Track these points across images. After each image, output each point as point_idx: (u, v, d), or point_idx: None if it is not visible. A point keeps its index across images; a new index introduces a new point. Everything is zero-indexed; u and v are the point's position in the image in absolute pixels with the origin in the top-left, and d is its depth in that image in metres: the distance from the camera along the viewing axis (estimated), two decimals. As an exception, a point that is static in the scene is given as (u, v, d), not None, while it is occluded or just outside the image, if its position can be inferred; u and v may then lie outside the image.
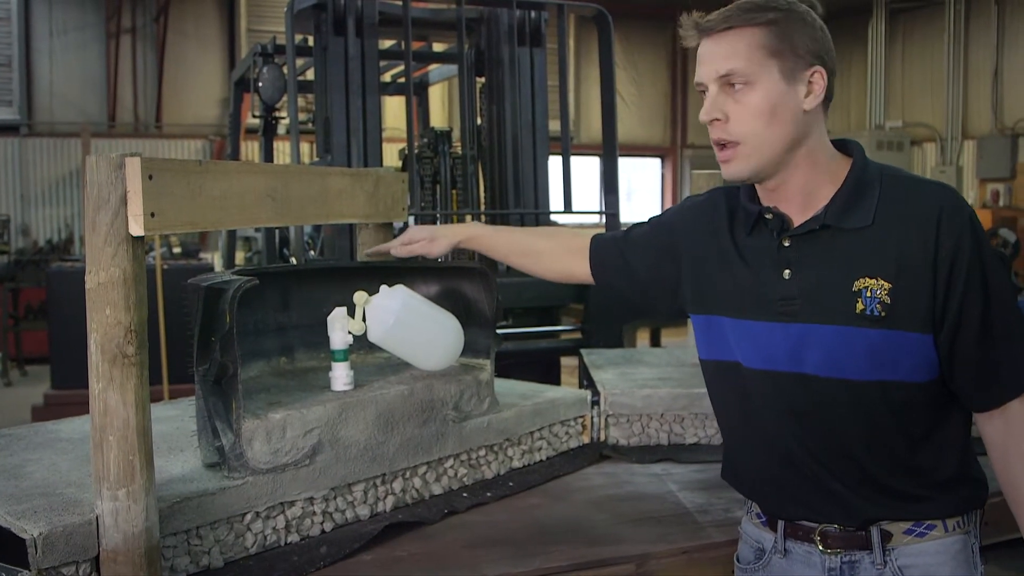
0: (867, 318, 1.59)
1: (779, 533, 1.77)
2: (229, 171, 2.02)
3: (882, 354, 1.60)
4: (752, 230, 1.74)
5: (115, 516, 1.77)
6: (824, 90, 1.63)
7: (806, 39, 1.61)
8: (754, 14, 1.61)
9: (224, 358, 2.01)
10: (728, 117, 1.64)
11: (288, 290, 2.63)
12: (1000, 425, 1.64)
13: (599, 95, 5.21)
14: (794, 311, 1.65)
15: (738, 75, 1.61)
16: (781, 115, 1.61)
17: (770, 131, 1.62)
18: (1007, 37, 15.48)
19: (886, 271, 1.59)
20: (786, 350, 1.67)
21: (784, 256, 1.68)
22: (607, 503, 2.54)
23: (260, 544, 2.09)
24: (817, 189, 1.67)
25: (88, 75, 14.56)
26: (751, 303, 1.71)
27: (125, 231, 1.73)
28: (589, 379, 3.30)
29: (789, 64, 1.60)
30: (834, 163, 1.68)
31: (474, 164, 5.05)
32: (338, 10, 4.56)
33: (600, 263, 2.13)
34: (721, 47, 1.64)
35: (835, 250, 1.64)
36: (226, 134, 9.66)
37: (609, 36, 5.09)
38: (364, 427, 2.29)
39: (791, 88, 1.61)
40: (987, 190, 15.55)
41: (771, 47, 1.60)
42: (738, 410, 1.79)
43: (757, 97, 1.61)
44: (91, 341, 1.75)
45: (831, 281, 1.63)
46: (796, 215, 1.69)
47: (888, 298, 1.58)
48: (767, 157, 1.64)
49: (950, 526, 1.68)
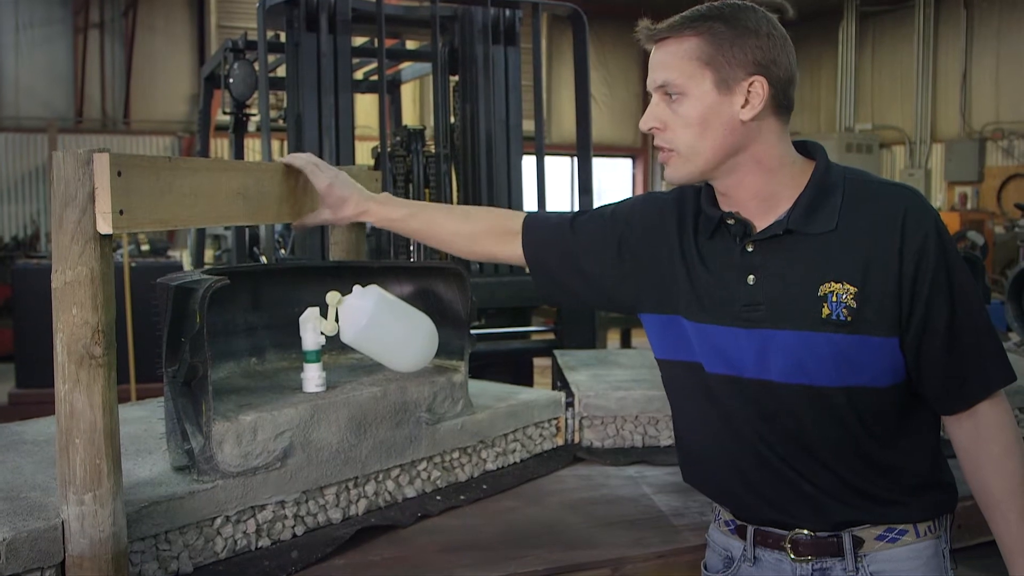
0: (833, 323, 1.58)
1: (748, 540, 1.75)
2: (200, 168, 1.98)
3: (848, 359, 1.59)
4: (713, 235, 1.72)
5: (81, 521, 1.73)
6: (764, 100, 1.60)
7: (747, 49, 1.59)
8: (695, 23, 1.61)
9: (194, 359, 1.97)
10: (665, 126, 1.65)
11: (259, 290, 2.60)
12: (969, 428, 1.64)
13: (571, 95, 5.20)
14: (759, 317, 1.64)
15: (672, 85, 1.62)
16: (713, 126, 1.61)
17: (703, 141, 1.62)
18: (976, 41, 15.65)
19: (851, 275, 1.58)
20: (751, 356, 1.65)
21: (748, 261, 1.66)
22: (582, 506, 2.52)
23: (230, 549, 2.05)
24: (776, 194, 1.65)
25: (55, 70, 14.41)
26: (714, 308, 1.69)
27: (93, 229, 1.69)
28: (563, 380, 3.28)
29: (724, 74, 1.59)
30: (794, 168, 1.66)
31: (447, 163, 5.03)
32: (310, 6, 4.52)
33: (534, 244, 1.99)
34: (660, 56, 1.65)
35: (799, 255, 1.62)
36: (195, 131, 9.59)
37: (584, 35, 5.08)
38: (336, 429, 2.26)
39: (725, 98, 1.60)
40: (955, 193, 15.71)
41: (705, 57, 1.60)
42: (701, 412, 1.76)
43: (689, 108, 1.62)
44: (57, 342, 1.71)
45: (796, 286, 1.61)
46: (758, 220, 1.67)
47: (854, 302, 1.57)
48: (701, 165, 1.64)
49: (922, 531, 1.67)
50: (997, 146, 15.54)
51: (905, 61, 16.69)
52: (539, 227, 2.01)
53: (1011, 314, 5.76)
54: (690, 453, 1.85)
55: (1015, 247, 11.02)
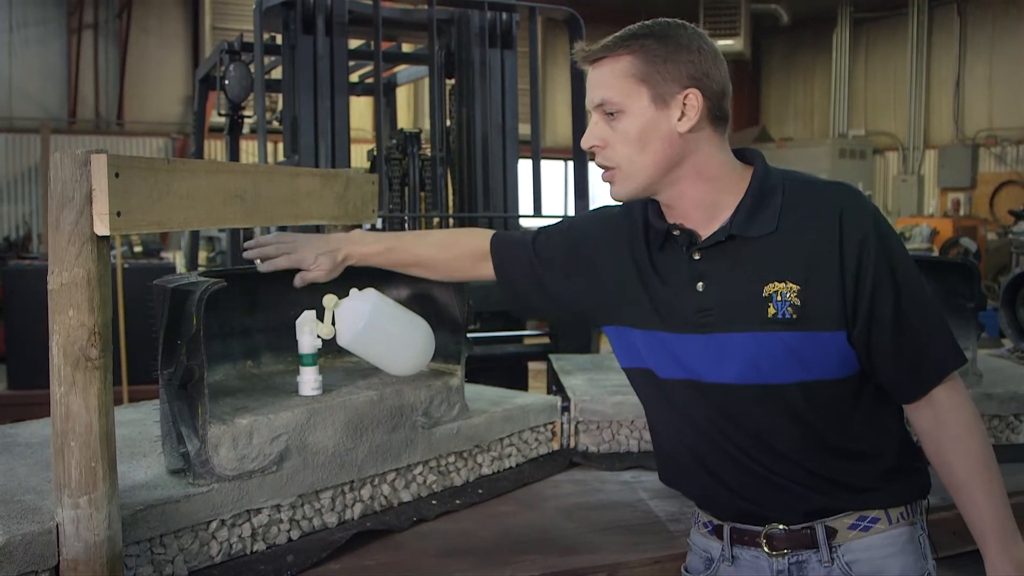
0: (779, 322, 1.61)
1: (725, 540, 1.78)
2: (197, 170, 1.97)
3: (799, 355, 1.62)
4: (663, 246, 1.75)
5: (76, 524, 1.72)
6: (699, 112, 1.64)
7: (679, 64, 1.63)
8: (627, 42, 1.65)
9: (190, 362, 1.96)
10: (605, 143, 1.69)
11: (255, 292, 2.58)
12: (928, 414, 1.67)
13: (566, 99, 5.21)
14: (711, 322, 1.67)
15: (610, 104, 1.66)
16: (652, 140, 1.65)
17: (643, 156, 1.66)
18: (969, 49, 15.70)
19: (794, 274, 1.61)
20: (708, 361, 1.68)
21: (696, 269, 1.70)
22: (577, 511, 2.51)
23: (225, 553, 2.04)
24: (717, 202, 1.69)
25: (49, 70, 14.38)
26: (670, 316, 1.72)
27: (90, 230, 1.68)
28: (559, 385, 3.27)
29: (660, 89, 1.63)
30: (734, 175, 1.70)
31: (443, 166, 5.02)
32: (307, 8, 4.51)
33: (501, 264, 2.08)
34: (597, 76, 1.69)
35: (743, 259, 1.66)
36: (189, 132, 9.57)
37: (580, 39, 5.07)
38: (332, 433, 2.25)
39: (662, 112, 1.64)
40: (948, 199, 15.75)
41: (640, 75, 1.64)
42: (665, 415, 1.81)
43: (628, 124, 1.66)
44: (53, 344, 1.70)
45: (742, 289, 1.65)
46: (702, 229, 1.70)
47: (798, 300, 1.61)
48: (643, 180, 1.68)
49: (894, 517, 1.69)
50: (990, 152, 15.60)
51: (899, 68, 16.74)
52: (504, 247, 2.09)
53: (1004, 320, 5.76)
54: (662, 454, 1.89)
55: (1008, 253, 11.03)
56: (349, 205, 2.56)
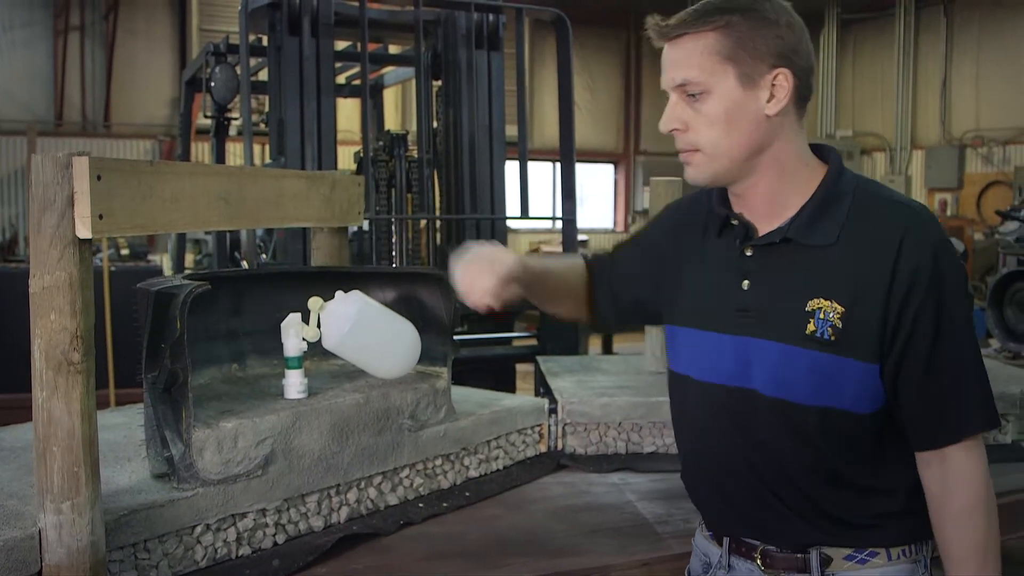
0: (816, 340, 1.52)
1: (724, 548, 1.73)
2: (181, 172, 1.96)
3: (826, 379, 1.53)
4: (720, 233, 1.68)
5: (59, 530, 1.70)
6: (789, 93, 1.53)
7: (767, 40, 1.52)
8: (709, 18, 1.53)
9: (174, 365, 1.95)
10: (687, 126, 1.58)
11: (240, 295, 2.57)
12: (938, 472, 1.55)
13: (553, 100, 5.21)
14: (747, 324, 1.59)
15: (693, 84, 1.54)
16: (739, 123, 1.54)
17: (728, 140, 1.55)
18: (956, 49, 15.76)
19: (841, 294, 1.51)
20: (735, 364, 1.62)
21: (745, 266, 1.61)
22: (565, 513, 2.50)
23: (210, 558, 2.03)
24: (785, 198, 1.59)
25: (35, 72, 14.31)
26: (707, 312, 1.66)
27: (72, 233, 1.66)
28: (546, 387, 3.27)
29: (746, 68, 1.52)
30: (807, 171, 1.60)
31: (430, 168, 5.01)
32: (293, 10, 4.50)
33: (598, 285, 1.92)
34: (677, 54, 1.56)
35: (794, 266, 1.57)
36: (176, 134, 9.54)
37: (568, 41, 5.07)
38: (318, 436, 2.24)
39: (750, 93, 1.53)
40: (935, 199, 15.80)
41: (726, 52, 1.52)
42: (689, 418, 1.74)
43: (713, 106, 1.54)
44: (35, 348, 1.68)
45: (785, 297, 1.56)
46: (762, 223, 1.61)
47: (840, 322, 1.51)
48: (726, 165, 1.57)
49: (895, 554, 1.61)
50: (977, 153, 15.66)
51: (886, 68, 16.79)
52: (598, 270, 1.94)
53: (991, 320, 5.79)
54: (683, 456, 1.82)
55: (995, 253, 11.06)
56: (335, 207, 2.55)
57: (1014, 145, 15.17)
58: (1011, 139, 15.16)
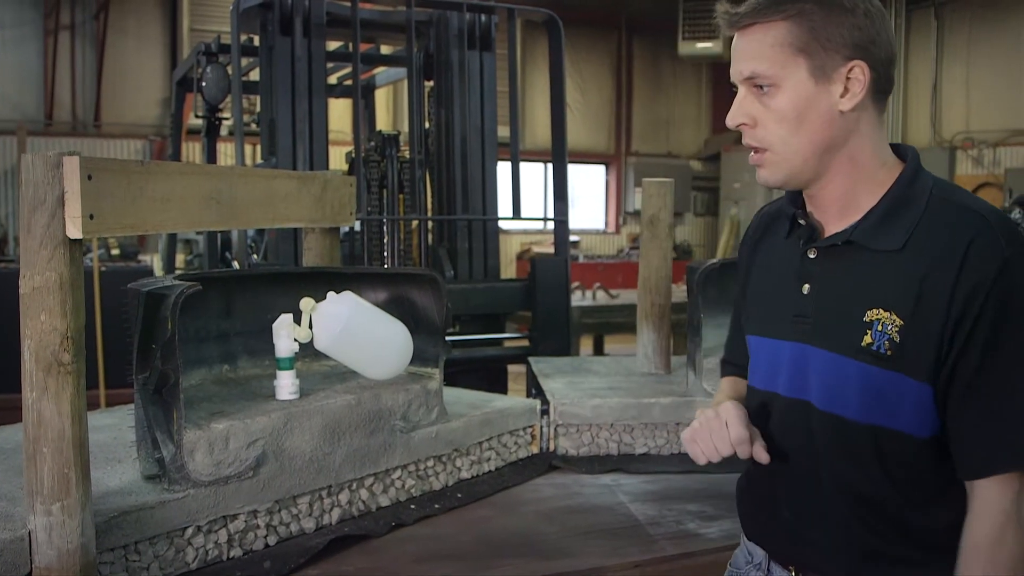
0: (871, 353, 1.42)
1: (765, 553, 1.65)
2: (172, 172, 1.95)
3: (879, 396, 1.43)
4: (789, 233, 1.59)
5: (49, 532, 1.69)
6: (865, 87, 1.43)
7: (843, 30, 1.42)
8: (781, 6, 1.43)
9: (165, 367, 1.94)
10: (755, 122, 1.49)
11: (231, 296, 2.56)
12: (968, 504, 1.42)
13: (545, 101, 5.19)
14: (803, 330, 1.51)
15: (762, 77, 1.46)
16: (810, 119, 1.45)
17: (798, 138, 1.46)
18: (946, 51, 15.80)
19: (902, 305, 1.40)
20: (791, 373, 1.54)
21: (807, 268, 1.53)
22: (557, 515, 2.50)
23: (201, 559, 2.02)
24: (857, 199, 1.49)
25: (25, 72, 14.25)
26: (769, 317, 1.59)
27: (62, 233, 1.66)
28: (538, 388, 3.26)
29: (819, 61, 1.43)
30: (883, 170, 1.50)
31: (422, 169, 5.00)
32: (285, 10, 4.49)
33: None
34: (746, 45, 1.48)
35: (857, 271, 1.46)
36: (167, 134, 9.51)
37: (560, 41, 5.07)
38: (310, 438, 2.23)
39: (823, 88, 1.44)
40: (925, 201, 15.81)
41: (798, 43, 1.43)
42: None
43: (783, 100, 1.45)
44: (25, 348, 1.67)
45: (843, 304, 1.46)
46: (831, 225, 1.52)
47: (898, 336, 1.40)
48: (798, 165, 1.48)
49: None
50: (967, 155, 15.70)
51: (876, 70, 16.80)
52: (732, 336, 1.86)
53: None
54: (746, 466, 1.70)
55: (985, 255, 11.13)
56: (326, 207, 2.55)
57: (1004, 147, 15.21)
58: (1001, 141, 15.20)
